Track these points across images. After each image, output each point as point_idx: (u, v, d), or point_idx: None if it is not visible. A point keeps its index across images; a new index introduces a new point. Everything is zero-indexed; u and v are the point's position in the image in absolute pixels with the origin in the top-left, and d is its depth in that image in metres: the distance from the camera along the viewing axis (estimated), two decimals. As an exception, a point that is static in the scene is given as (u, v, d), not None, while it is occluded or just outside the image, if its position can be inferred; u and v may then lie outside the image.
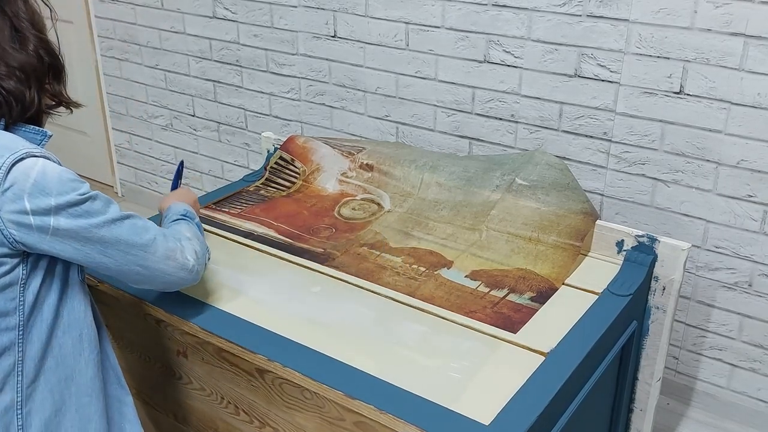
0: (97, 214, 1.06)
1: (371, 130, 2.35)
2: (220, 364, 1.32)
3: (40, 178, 1.01)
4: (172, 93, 2.88)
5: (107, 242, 1.08)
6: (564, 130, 1.98)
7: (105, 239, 1.07)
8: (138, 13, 2.84)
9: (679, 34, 1.73)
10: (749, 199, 1.78)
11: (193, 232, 1.30)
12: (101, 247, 1.08)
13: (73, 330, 1.12)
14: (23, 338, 1.06)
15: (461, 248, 1.59)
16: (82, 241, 1.06)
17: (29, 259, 1.05)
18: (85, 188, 1.05)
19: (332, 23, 2.30)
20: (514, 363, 1.23)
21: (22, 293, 1.05)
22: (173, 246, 1.17)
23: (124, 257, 1.10)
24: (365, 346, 1.27)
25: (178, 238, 1.22)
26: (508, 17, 1.95)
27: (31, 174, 1.01)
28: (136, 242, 1.11)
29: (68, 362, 1.11)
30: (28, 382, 1.07)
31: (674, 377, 2.05)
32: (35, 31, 1.10)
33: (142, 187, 3.23)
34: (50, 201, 1.01)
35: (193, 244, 1.24)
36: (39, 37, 1.10)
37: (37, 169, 1.01)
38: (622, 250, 1.55)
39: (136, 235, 1.11)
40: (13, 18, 1.08)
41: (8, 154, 1.01)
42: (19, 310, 1.05)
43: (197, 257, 1.23)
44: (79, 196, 1.04)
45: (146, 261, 1.13)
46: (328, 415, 1.19)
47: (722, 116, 1.74)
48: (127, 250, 1.10)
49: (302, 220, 1.73)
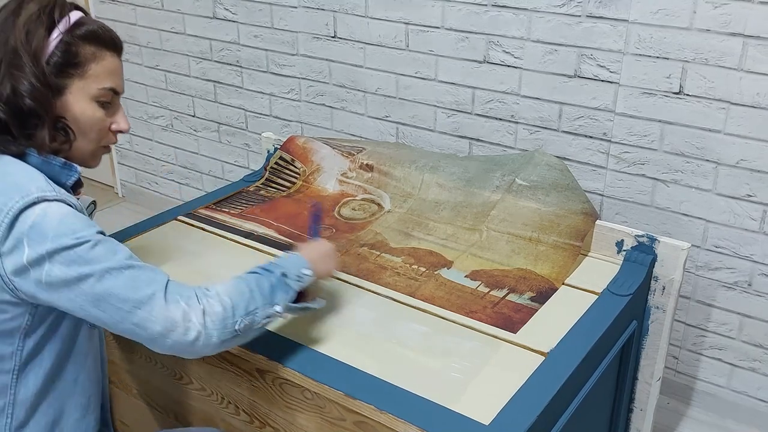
0: (92, 262, 0.98)
1: (371, 130, 2.35)
2: (221, 364, 1.32)
3: (40, 220, 0.97)
4: (172, 93, 2.88)
5: (98, 295, 0.98)
6: (564, 130, 1.98)
7: (96, 291, 0.98)
8: (138, 14, 2.84)
9: (678, 34, 1.73)
10: (749, 199, 1.78)
11: (249, 290, 1.09)
12: (92, 299, 0.98)
13: (70, 375, 1.11)
14: (17, 382, 1.05)
15: (461, 248, 1.59)
16: (74, 291, 0.98)
17: (37, 310, 1.02)
18: (86, 233, 0.99)
19: (332, 24, 2.30)
20: (514, 363, 1.23)
21: (22, 340, 1.03)
22: (174, 306, 1.01)
23: (117, 313, 0.99)
24: (365, 346, 1.27)
25: (193, 296, 1.04)
26: (508, 18, 1.96)
27: (31, 216, 0.97)
28: (129, 297, 0.99)
29: (59, 405, 1.10)
30: (17, 424, 1.06)
31: (674, 377, 2.05)
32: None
33: (142, 188, 3.23)
34: (45, 245, 0.96)
35: (216, 304, 1.04)
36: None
37: (38, 211, 0.97)
38: (622, 250, 1.55)
39: (131, 289, 0.99)
40: None
41: (18, 196, 0.98)
42: (16, 355, 1.03)
43: (211, 322, 1.03)
44: (75, 240, 0.97)
45: (141, 320, 1.00)
46: (328, 415, 1.19)
47: (721, 116, 1.75)
48: (119, 305, 0.99)
49: (302, 220, 1.74)
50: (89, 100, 1.10)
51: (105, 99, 1.12)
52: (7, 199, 0.98)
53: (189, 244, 1.62)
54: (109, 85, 1.12)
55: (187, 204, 1.84)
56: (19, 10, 1.06)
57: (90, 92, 1.10)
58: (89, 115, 1.10)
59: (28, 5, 1.06)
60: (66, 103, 1.07)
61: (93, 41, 1.10)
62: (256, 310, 1.09)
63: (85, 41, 1.09)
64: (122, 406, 1.60)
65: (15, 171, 1.02)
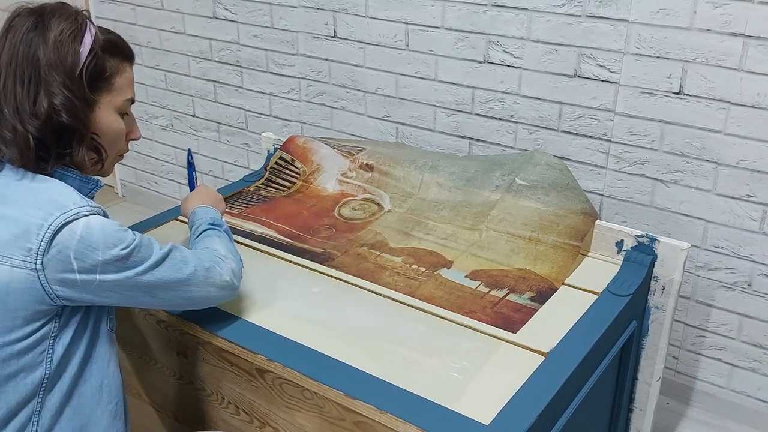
0: (141, 263, 1.07)
1: (371, 130, 2.35)
2: (221, 364, 1.32)
3: (86, 234, 1.01)
4: (172, 93, 2.88)
5: (152, 286, 1.09)
6: (563, 130, 1.98)
7: (150, 284, 1.09)
8: (138, 14, 2.84)
9: (678, 34, 1.73)
10: (748, 199, 1.78)
11: (225, 244, 1.28)
12: (146, 290, 1.09)
13: (95, 380, 1.11)
14: (44, 391, 1.05)
15: (461, 248, 1.59)
16: (127, 289, 1.07)
17: (63, 313, 1.04)
18: (129, 239, 1.05)
19: (332, 24, 2.30)
20: (514, 363, 1.23)
21: (51, 347, 1.04)
22: (212, 271, 1.19)
23: (169, 294, 1.13)
24: (365, 346, 1.27)
25: (214, 260, 1.21)
26: (508, 18, 1.96)
27: (77, 231, 1.00)
28: (179, 279, 1.13)
29: (85, 411, 1.10)
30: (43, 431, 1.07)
31: (674, 377, 2.05)
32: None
33: (142, 188, 3.23)
34: (97, 257, 1.02)
35: (228, 261, 1.24)
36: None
37: (81, 225, 1.01)
38: (621, 250, 1.55)
39: (178, 271, 1.12)
40: None
41: (59, 213, 1.00)
42: (47, 364, 1.04)
43: (234, 274, 1.23)
44: (124, 250, 1.04)
45: (190, 293, 1.16)
46: (328, 415, 1.19)
47: (721, 116, 1.74)
48: (171, 288, 1.12)
49: (302, 220, 1.74)
50: (114, 112, 1.13)
51: (125, 110, 1.16)
52: (47, 215, 1.00)
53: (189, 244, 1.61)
54: (130, 96, 1.16)
55: (186, 204, 1.83)
56: (43, 24, 1.05)
57: (115, 104, 1.13)
58: (115, 127, 1.14)
59: (51, 20, 1.06)
60: (96, 117, 1.10)
61: (116, 54, 1.13)
62: (239, 256, 1.31)
63: (109, 54, 1.11)
64: (122, 406, 1.59)
65: (47, 187, 1.04)
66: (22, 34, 1.05)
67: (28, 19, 1.06)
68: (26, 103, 1.02)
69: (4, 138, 1.03)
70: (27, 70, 1.03)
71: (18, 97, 1.03)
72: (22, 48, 1.04)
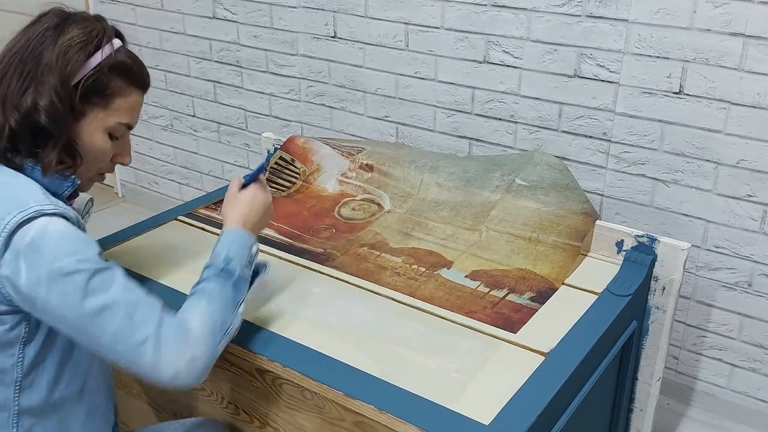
0: (90, 294, 0.96)
1: (371, 130, 2.35)
2: (221, 364, 1.32)
3: (38, 237, 0.95)
4: (172, 93, 2.88)
5: (92, 329, 0.96)
6: (563, 130, 1.98)
7: (89, 325, 0.96)
8: (138, 14, 2.84)
9: (678, 34, 1.73)
10: (749, 199, 1.78)
11: (215, 313, 1.06)
12: (86, 332, 0.97)
13: (77, 380, 1.10)
14: (20, 393, 1.04)
15: (461, 248, 1.59)
16: (68, 321, 0.97)
17: (32, 318, 1.01)
18: (84, 256, 0.96)
19: (332, 24, 2.30)
20: (514, 363, 1.23)
21: (21, 350, 1.02)
22: (165, 353, 0.98)
23: (109, 348, 0.97)
24: (365, 346, 1.27)
25: (179, 339, 1.00)
26: (508, 18, 1.96)
27: (29, 232, 0.95)
28: (123, 336, 0.96)
29: (66, 409, 1.09)
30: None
31: (674, 377, 2.05)
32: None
33: (142, 188, 3.23)
34: (44, 266, 0.94)
35: (194, 348, 1.00)
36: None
37: (36, 226, 0.96)
38: (621, 250, 1.55)
39: (127, 329, 0.96)
40: None
41: (17, 211, 0.97)
42: (18, 366, 1.02)
43: (191, 368, 1.00)
44: (74, 266, 0.95)
45: (132, 360, 0.98)
46: (328, 415, 1.19)
47: (722, 116, 1.74)
48: (112, 342, 0.97)
49: (302, 220, 1.73)
50: (103, 131, 1.10)
51: (117, 133, 1.12)
52: (5, 213, 0.97)
53: (189, 244, 1.61)
54: (126, 121, 1.12)
55: (187, 204, 1.84)
56: (63, 27, 1.06)
57: (106, 124, 1.09)
58: (98, 146, 1.10)
59: (72, 26, 1.06)
60: (80, 128, 1.07)
61: (125, 76, 1.10)
62: (228, 325, 1.09)
63: (117, 74, 1.09)
64: (122, 406, 1.59)
65: (12, 182, 1.02)
66: (42, 30, 1.05)
67: (53, 18, 1.07)
68: (15, 95, 1.02)
69: None
70: (29, 65, 1.04)
71: (11, 86, 1.03)
72: (34, 42, 1.05)
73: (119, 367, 1.00)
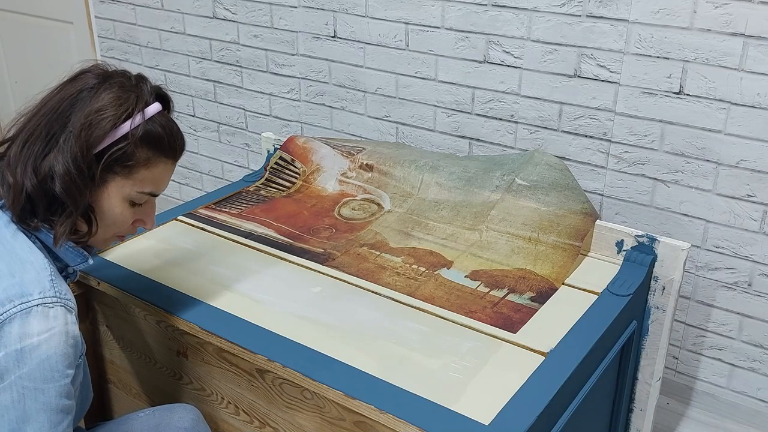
0: (30, 405, 0.94)
1: (371, 130, 2.35)
2: (220, 364, 1.32)
3: (28, 351, 0.93)
4: (172, 93, 2.87)
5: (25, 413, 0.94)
6: (564, 130, 1.98)
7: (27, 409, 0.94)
8: (138, 14, 2.84)
9: (678, 34, 1.73)
10: (749, 199, 1.78)
11: None
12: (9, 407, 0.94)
13: None
14: None
15: (461, 248, 1.59)
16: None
17: None
18: (56, 389, 0.95)
19: (332, 24, 2.30)
20: (514, 363, 1.23)
21: None
22: None
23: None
24: (365, 346, 1.27)
25: None
26: (508, 17, 1.96)
27: (24, 340, 0.93)
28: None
29: None
30: None
31: (674, 377, 2.05)
32: None
33: (142, 188, 3.22)
34: (13, 372, 0.93)
35: None
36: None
37: (32, 337, 0.93)
38: (621, 250, 1.55)
39: None
40: None
41: (19, 301, 0.94)
42: None
43: None
44: (40, 393, 0.94)
45: None
46: (328, 415, 1.19)
47: (722, 116, 1.74)
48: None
49: (302, 220, 1.74)
50: (123, 199, 1.07)
51: (139, 201, 1.09)
52: (6, 300, 0.95)
53: (189, 244, 1.62)
54: (150, 190, 1.09)
55: (187, 204, 1.84)
56: (97, 90, 1.03)
57: (127, 193, 1.06)
58: (117, 213, 1.07)
59: (106, 91, 1.03)
60: (99, 195, 1.05)
61: (153, 146, 1.06)
62: None
63: (145, 144, 1.05)
64: (122, 406, 1.60)
65: (24, 260, 0.99)
66: (75, 92, 1.03)
67: (91, 80, 1.04)
68: (37, 157, 1.00)
69: (7, 180, 1.01)
70: (55, 127, 1.01)
71: (35, 147, 1.00)
72: (66, 104, 1.02)
73: None
